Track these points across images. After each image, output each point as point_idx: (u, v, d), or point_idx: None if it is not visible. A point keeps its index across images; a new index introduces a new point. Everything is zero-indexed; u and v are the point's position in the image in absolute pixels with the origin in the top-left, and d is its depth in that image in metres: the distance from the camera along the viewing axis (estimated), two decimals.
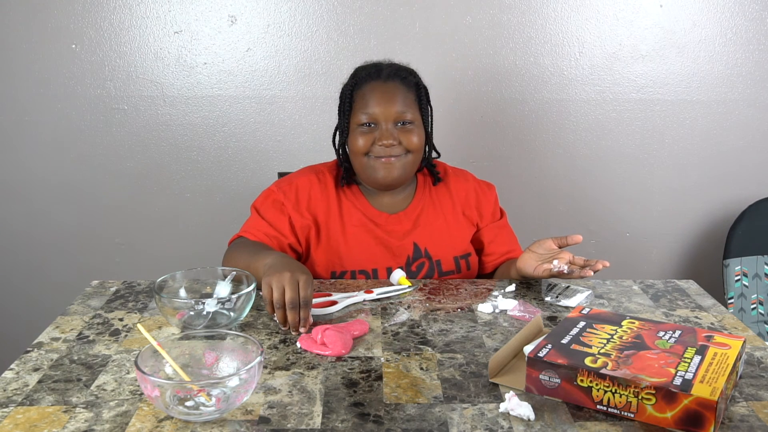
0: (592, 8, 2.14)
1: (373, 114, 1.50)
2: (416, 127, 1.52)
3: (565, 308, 1.35)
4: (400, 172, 1.52)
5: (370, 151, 1.51)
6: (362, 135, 1.51)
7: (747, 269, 2.17)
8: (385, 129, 1.49)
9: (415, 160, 1.54)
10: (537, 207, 2.29)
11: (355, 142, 1.51)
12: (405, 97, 1.51)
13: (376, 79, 1.52)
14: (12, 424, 0.93)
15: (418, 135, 1.52)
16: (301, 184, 1.57)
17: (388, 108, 1.49)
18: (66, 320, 1.27)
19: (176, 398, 0.95)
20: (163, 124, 2.19)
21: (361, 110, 1.51)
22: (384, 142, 1.48)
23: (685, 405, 0.90)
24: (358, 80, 1.55)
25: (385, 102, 1.49)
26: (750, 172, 2.30)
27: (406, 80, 1.54)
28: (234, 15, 2.11)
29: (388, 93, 1.50)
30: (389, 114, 1.49)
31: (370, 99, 1.50)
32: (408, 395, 1.01)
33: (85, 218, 2.25)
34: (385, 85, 1.51)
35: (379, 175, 1.52)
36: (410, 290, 1.42)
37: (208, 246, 2.27)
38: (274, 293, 1.17)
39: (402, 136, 1.50)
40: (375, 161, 1.51)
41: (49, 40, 2.10)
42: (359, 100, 1.52)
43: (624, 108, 2.23)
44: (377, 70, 1.54)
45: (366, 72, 1.55)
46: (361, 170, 1.55)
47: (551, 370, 0.98)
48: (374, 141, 1.50)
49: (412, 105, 1.53)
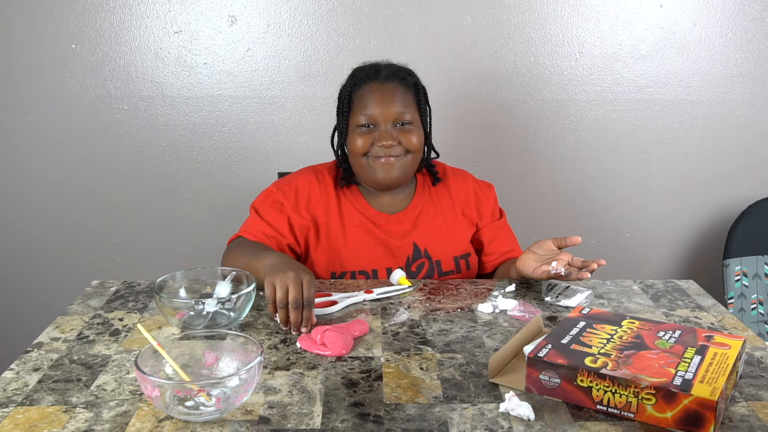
0: (592, 8, 2.14)
1: (372, 115, 1.50)
2: (415, 127, 1.52)
3: (565, 308, 1.35)
4: (400, 173, 1.52)
5: (369, 152, 1.51)
6: (361, 136, 1.51)
7: (747, 269, 2.17)
8: (384, 130, 1.49)
9: (414, 161, 1.54)
10: (537, 207, 2.29)
11: (354, 143, 1.51)
12: (404, 98, 1.52)
13: (375, 79, 1.52)
14: (12, 424, 0.93)
15: (417, 135, 1.52)
16: (300, 184, 1.57)
17: (387, 109, 1.49)
18: (66, 320, 1.27)
19: (176, 398, 0.95)
20: (163, 124, 2.19)
21: (359, 111, 1.51)
22: (383, 143, 1.49)
23: (685, 405, 0.90)
24: (356, 81, 1.54)
25: (384, 103, 1.49)
26: (750, 172, 2.30)
27: (404, 81, 1.54)
28: (234, 15, 2.11)
29: (386, 94, 1.50)
30: (388, 115, 1.49)
31: (368, 100, 1.50)
32: (408, 395, 1.01)
33: (85, 218, 2.25)
34: (384, 86, 1.51)
35: (379, 176, 1.52)
36: (410, 290, 1.42)
37: (208, 246, 2.26)
38: (278, 293, 1.17)
39: (401, 137, 1.50)
40: (374, 162, 1.51)
41: (49, 40, 2.10)
42: (358, 101, 1.52)
43: (624, 108, 2.23)
44: (376, 71, 1.54)
45: (364, 73, 1.55)
46: (360, 171, 1.55)
47: (551, 370, 0.98)
48: (373, 142, 1.50)
49: (411, 105, 1.53)
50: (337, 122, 1.58)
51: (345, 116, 1.54)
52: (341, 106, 1.56)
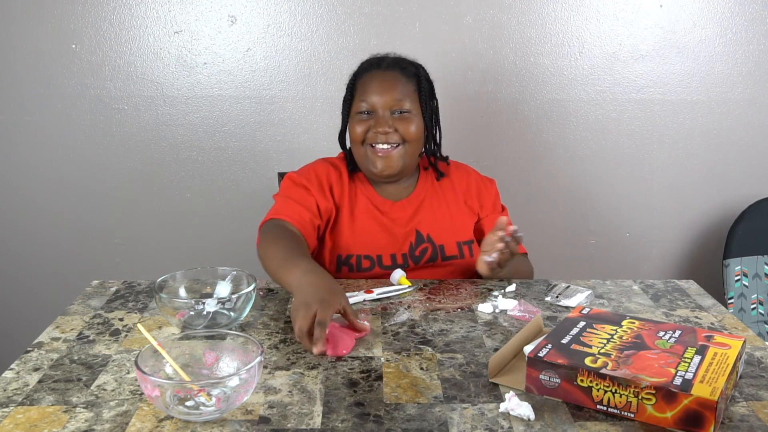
0: (592, 8, 2.14)
1: (371, 101, 1.51)
2: (414, 116, 1.53)
3: (565, 308, 1.35)
4: (399, 164, 1.53)
5: (366, 139, 1.52)
6: (360, 122, 1.53)
7: (747, 269, 2.17)
8: (381, 116, 1.51)
9: (413, 151, 1.55)
10: (537, 207, 2.29)
11: (354, 130, 1.54)
12: (404, 87, 1.53)
13: (377, 68, 1.55)
14: (12, 424, 0.93)
15: (415, 125, 1.52)
16: (319, 170, 1.59)
17: (384, 95, 1.51)
18: (66, 320, 1.27)
19: (176, 398, 0.95)
20: (163, 124, 2.19)
21: (359, 98, 1.53)
22: (379, 129, 1.50)
23: (685, 405, 0.90)
24: (360, 70, 1.58)
25: (383, 90, 1.51)
26: (750, 172, 2.30)
27: (405, 70, 1.55)
28: (234, 15, 2.11)
29: (386, 81, 1.52)
30: (386, 102, 1.51)
31: (368, 87, 1.53)
32: (408, 395, 1.01)
33: (85, 218, 2.25)
34: (384, 74, 1.54)
35: (377, 167, 1.53)
36: (410, 290, 1.42)
37: (208, 246, 2.27)
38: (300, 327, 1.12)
39: (398, 125, 1.51)
40: (372, 153, 1.52)
41: (49, 40, 2.10)
42: (359, 88, 1.55)
43: (624, 108, 2.23)
44: (378, 60, 1.57)
45: (369, 63, 1.58)
46: (360, 161, 1.57)
47: (551, 370, 0.99)
48: (370, 128, 1.51)
49: (411, 95, 1.53)
50: (342, 111, 1.61)
51: (347, 104, 1.58)
52: (345, 95, 1.59)
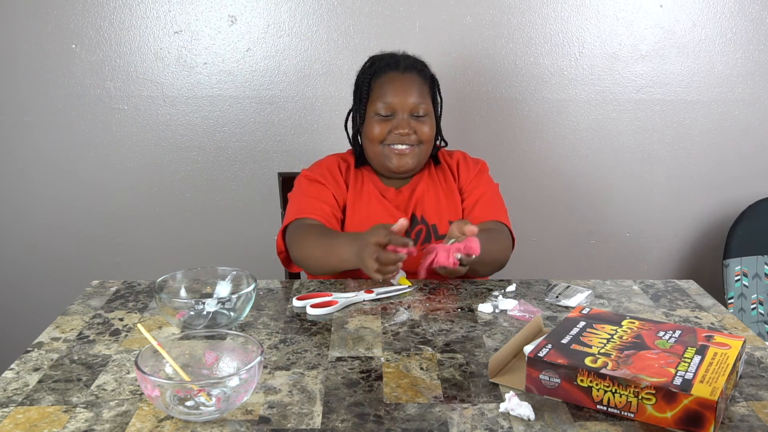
0: (592, 8, 2.14)
1: (391, 104, 1.58)
2: (428, 118, 1.61)
3: (565, 308, 1.35)
4: (414, 162, 1.61)
5: (385, 140, 1.59)
6: (379, 123, 1.58)
7: (747, 269, 2.17)
8: (402, 119, 1.58)
9: (426, 151, 1.63)
10: (537, 207, 2.29)
11: (372, 130, 1.59)
12: (420, 89, 1.60)
13: (395, 69, 1.61)
14: (12, 424, 0.93)
15: (429, 126, 1.60)
16: (329, 164, 1.67)
17: (405, 99, 1.57)
18: (66, 320, 1.27)
19: (176, 398, 0.95)
20: (163, 124, 2.19)
21: (379, 99, 1.59)
22: (400, 131, 1.57)
23: (685, 405, 0.90)
24: (376, 69, 1.62)
25: (403, 93, 1.58)
26: (750, 172, 2.29)
27: (422, 72, 1.63)
28: (234, 15, 2.11)
29: (405, 84, 1.59)
30: (406, 105, 1.57)
31: (388, 89, 1.58)
32: (408, 395, 1.01)
33: (85, 218, 2.25)
34: (403, 77, 1.60)
35: (393, 164, 1.60)
36: (410, 290, 1.42)
37: (208, 246, 2.27)
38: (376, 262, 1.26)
39: (416, 126, 1.58)
40: (390, 151, 1.59)
41: (49, 40, 2.10)
42: (377, 89, 1.60)
43: (624, 108, 2.23)
44: (395, 61, 1.62)
45: (384, 62, 1.63)
46: (374, 157, 1.63)
47: (551, 370, 0.99)
48: (390, 130, 1.58)
49: (426, 97, 1.61)
50: (353, 107, 1.66)
51: (363, 103, 1.62)
52: (359, 92, 1.64)
